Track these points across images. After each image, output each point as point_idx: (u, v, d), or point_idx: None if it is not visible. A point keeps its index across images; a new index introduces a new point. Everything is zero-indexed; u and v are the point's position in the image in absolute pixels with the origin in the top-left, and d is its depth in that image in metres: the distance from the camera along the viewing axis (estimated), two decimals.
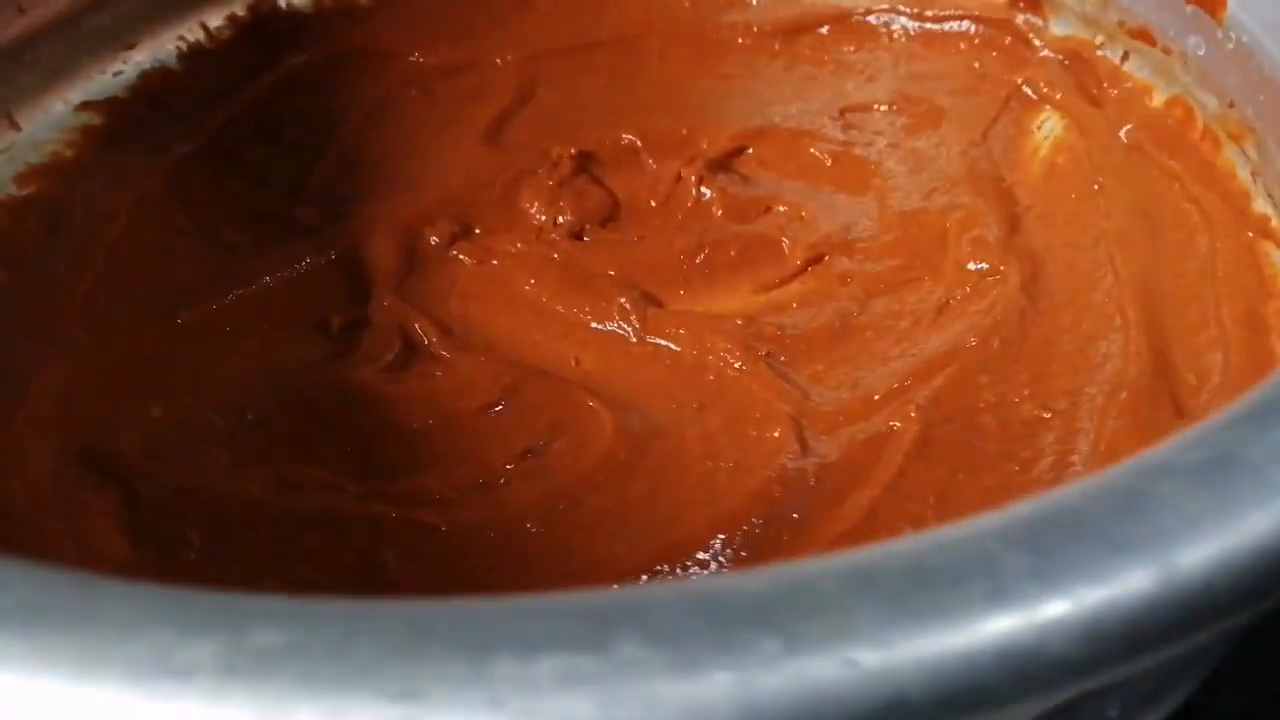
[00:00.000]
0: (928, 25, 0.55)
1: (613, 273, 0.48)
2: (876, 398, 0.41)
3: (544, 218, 0.50)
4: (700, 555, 0.36)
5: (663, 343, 0.45)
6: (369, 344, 0.44)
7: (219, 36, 0.54)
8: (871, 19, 0.56)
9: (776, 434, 0.40)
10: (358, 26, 0.57)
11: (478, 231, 0.50)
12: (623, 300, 0.46)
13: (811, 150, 0.52)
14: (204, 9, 0.54)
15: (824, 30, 0.56)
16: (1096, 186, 0.46)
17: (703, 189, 0.50)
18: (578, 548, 0.37)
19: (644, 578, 0.35)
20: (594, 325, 0.46)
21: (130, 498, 0.38)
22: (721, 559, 0.36)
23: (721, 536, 0.36)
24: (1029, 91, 0.50)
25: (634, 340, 0.45)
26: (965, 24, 0.53)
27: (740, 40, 0.57)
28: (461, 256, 0.49)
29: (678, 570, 0.35)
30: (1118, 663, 0.17)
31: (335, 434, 0.41)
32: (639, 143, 0.53)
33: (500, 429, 0.41)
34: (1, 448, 0.38)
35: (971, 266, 0.45)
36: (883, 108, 0.53)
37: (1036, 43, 0.51)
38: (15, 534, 0.35)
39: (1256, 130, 0.39)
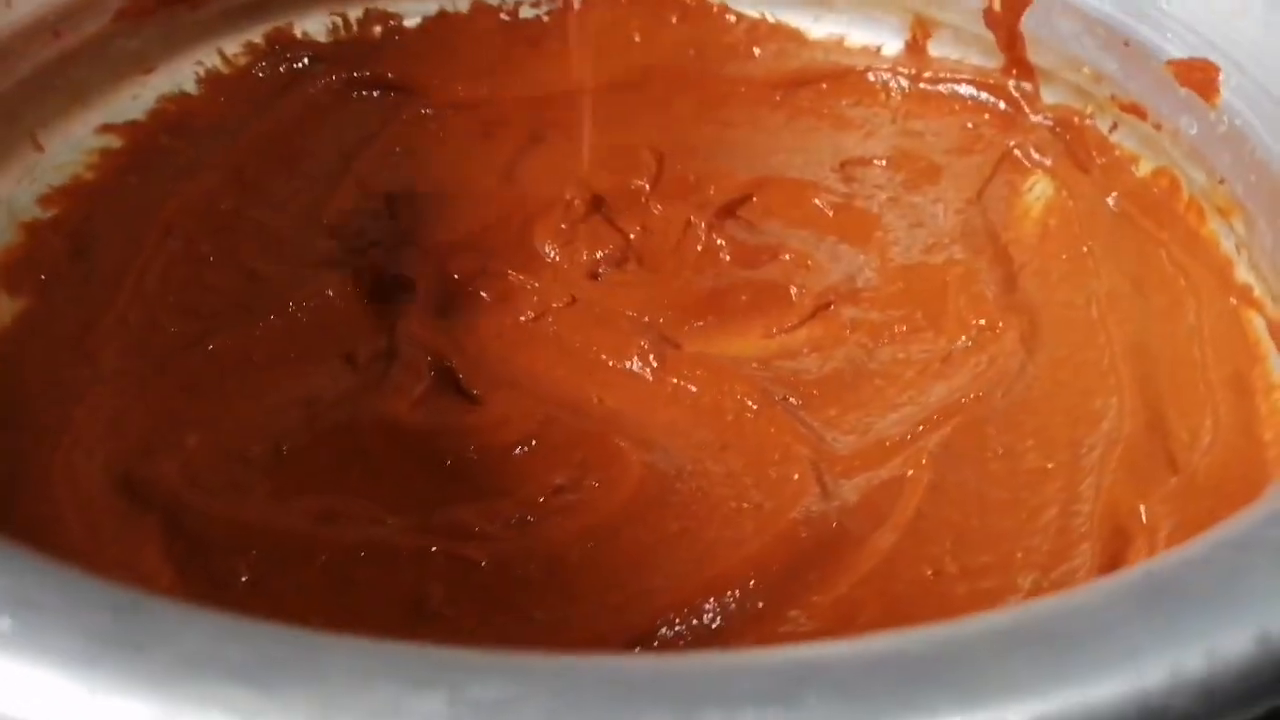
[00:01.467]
0: (923, 85, 0.57)
1: (630, 313, 0.49)
2: (889, 444, 0.43)
3: (560, 258, 0.52)
4: (735, 591, 0.38)
5: (681, 383, 0.46)
6: (399, 376, 0.45)
7: (236, 63, 0.55)
8: (870, 76, 0.58)
9: (796, 476, 0.42)
10: (372, 60, 0.58)
11: (496, 268, 0.51)
12: (642, 341, 0.47)
13: (815, 201, 0.54)
14: (222, 35, 0.54)
15: (824, 85, 0.59)
16: (1086, 249, 0.49)
17: (713, 235, 0.52)
18: (617, 582, 0.38)
19: (685, 611, 0.37)
20: (613, 364, 0.47)
21: (173, 526, 0.38)
22: (756, 595, 0.38)
23: (754, 576, 0.38)
24: (1020, 155, 0.53)
25: (652, 380, 0.47)
26: (960, 87, 0.56)
27: (743, 90, 0.59)
28: (482, 293, 0.50)
29: (717, 605, 0.37)
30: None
31: (372, 466, 0.42)
32: (648, 187, 0.55)
33: (532, 465, 0.43)
34: (54, 476, 0.38)
35: (972, 321, 0.47)
36: (881, 162, 0.56)
37: (1028, 109, 0.54)
38: (74, 565, 0.35)
39: (1246, 208, 0.42)
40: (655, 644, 0.36)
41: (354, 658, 0.18)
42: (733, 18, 0.61)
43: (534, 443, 0.43)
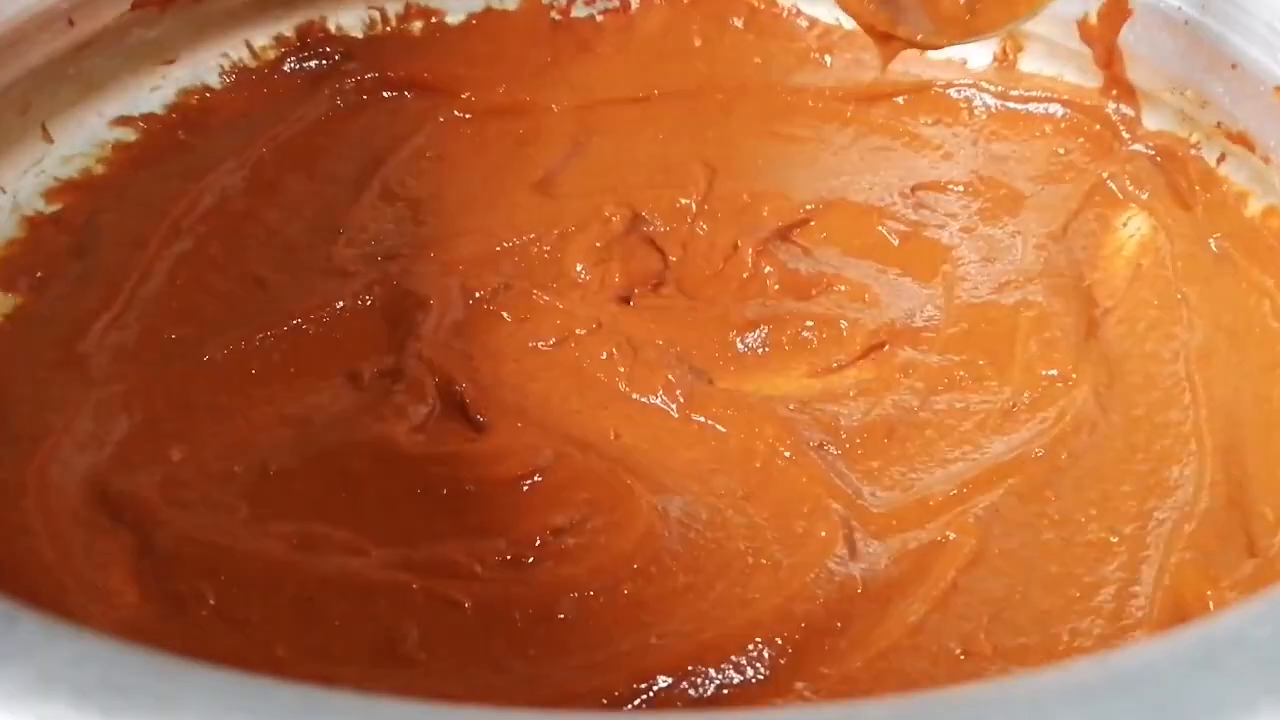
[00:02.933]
0: (1011, 104, 0.57)
1: (660, 342, 0.49)
2: (933, 504, 0.43)
3: (590, 278, 0.52)
4: (736, 659, 0.37)
5: (708, 422, 0.46)
6: (402, 399, 0.46)
7: (263, 56, 0.57)
8: (952, 92, 0.58)
9: (824, 534, 0.42)
10: (409, 58, 0.60)
11: (521, 286, 0.52)
12: (670, 374, 0.48)
13: (879, 228, 0.54)
14: (250, 26, 0.56)
15: (900, 100, 0.58)
16: (1180, 296, 0.48)
17: (761, 261, 0.52)
18: (606, 638, 0.39)
19: (674, 676, 0.37)
20: (636, 397, 0.47)
21: (144, 544, 0.40)
22: (758, 664, 0.37)
23: (759, 640, 0.38)
24: (1114, 187, 0.52)
25: (677, 418, 0.47)
26: (1052, 107, 0.56)
27: (811, 103, 0.60)
28: (503, 313, 0.51)
29: (711, 671, 0.37)
30: None
31: (361, 494, 0.43)
32: (694, 206, 0.55)
33: (533, 503, 0.43)
34: (26, 484, 0.40)
35: (1041, 371, 0.47)
36: (958, 188, 0.55)
37: (1126, 134, 0.53)
38: (37, 578, 0.36)
39: None
40: (634, 708, 0.36)
41: (205, 691, 0.19)
42: (804, 22, 0.61)
43: (538, 478, 0.44)
